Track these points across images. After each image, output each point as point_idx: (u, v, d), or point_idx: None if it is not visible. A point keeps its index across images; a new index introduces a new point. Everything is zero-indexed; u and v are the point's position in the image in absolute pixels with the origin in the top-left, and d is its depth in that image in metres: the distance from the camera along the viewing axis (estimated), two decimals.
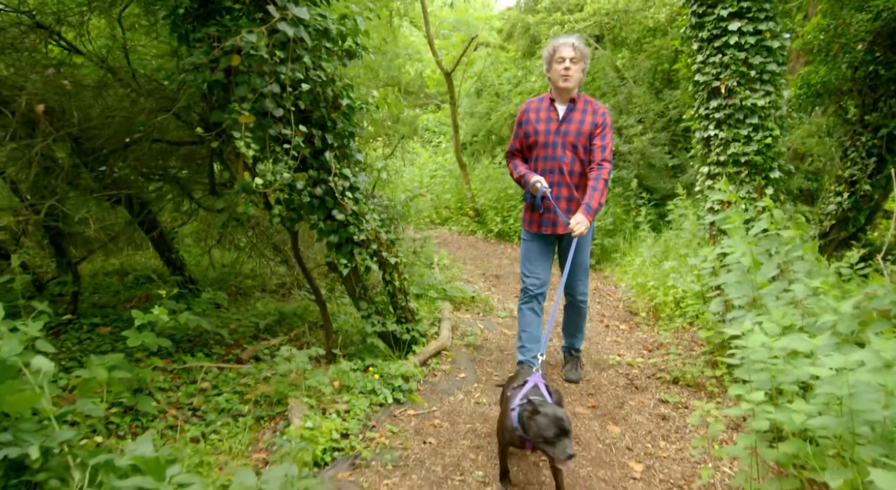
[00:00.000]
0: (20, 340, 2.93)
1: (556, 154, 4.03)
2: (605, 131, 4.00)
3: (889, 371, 2.67)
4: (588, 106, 4.06)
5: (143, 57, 4.93)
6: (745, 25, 5.26)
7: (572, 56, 3.92)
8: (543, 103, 4.12)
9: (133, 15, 4.83)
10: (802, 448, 2.79)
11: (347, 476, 3.26)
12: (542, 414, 2.69)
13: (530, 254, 4.32)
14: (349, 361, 4.27)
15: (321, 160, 4.09)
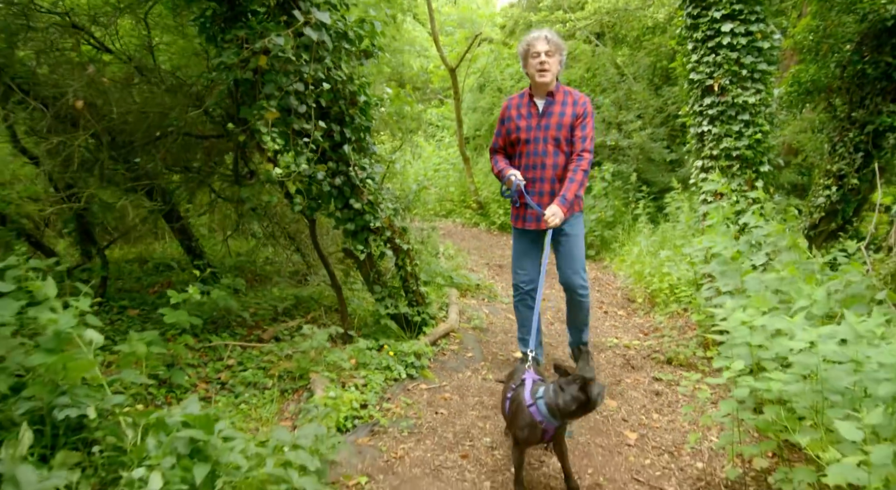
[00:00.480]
0: (73, 315, 3.22)
1: (539, 149, 3.97)
2: (585, 121, 3.93)
3: (858, 344, 2.97)
4: (568, 97, 3.98)
5: (169, 55, 5.21)
6: (738, 27, 5.55)
7: (546, 49, 3.85)
8: (524, 99, 4.07)
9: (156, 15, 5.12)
10: (779, 413, 3.10)
11: (367, 441, 3.57)
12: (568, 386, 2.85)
13: (518, 250, 4.32)
14: (365, 340, 4.57)
15: (340, 153, 4.38)
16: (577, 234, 4.17)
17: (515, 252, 4.36)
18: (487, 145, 16.60)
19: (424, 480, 3.22)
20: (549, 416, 2.85)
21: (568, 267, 4.19)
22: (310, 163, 4.07)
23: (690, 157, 6.49)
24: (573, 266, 4.19)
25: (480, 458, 3.45)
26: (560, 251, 4.18)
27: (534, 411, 2.88)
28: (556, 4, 12.92)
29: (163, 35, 5.13)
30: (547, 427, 2.88)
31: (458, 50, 13.18)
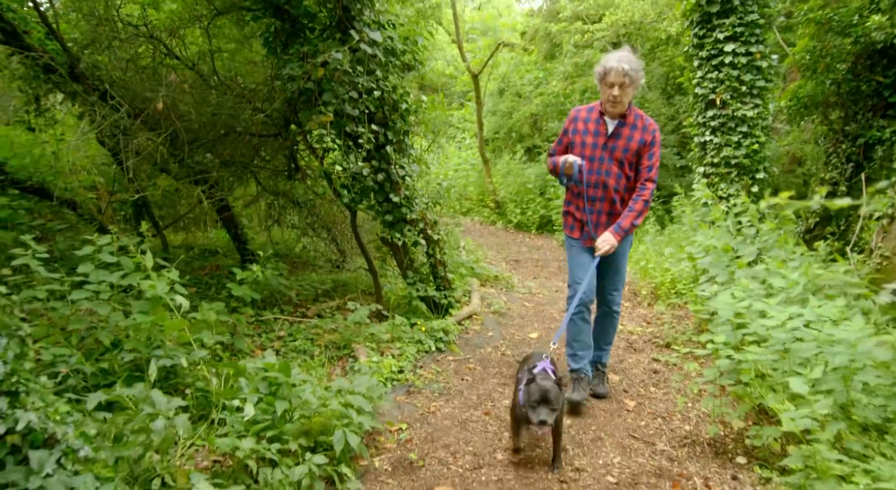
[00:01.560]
0: (166, 283, 3.83)
1: (602, 169, 3.86)
2: (653, 150, 3.83)
3: (822, 324, 3.54)
4: (639, 121, 3.84)
5: (232, 63, 5.82)
6: (739, 47, 6.10)
7: (622, 82, 3.64)
8: (593, 114, 3.91)
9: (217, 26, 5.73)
10: (753, 382, 3.66)
11: (404, 399, 4.16)
12: (535, 383, 3.09)
13: (575, 263, 4.15)
14: (400, 318, 5.16)
15: (382, 153, 4.98)
16: (625, 252, 4.14)
17: (572, 264, 4.19)
18: (506, 147, 17.23)
19: (453, 430, 3.80)
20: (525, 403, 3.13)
21: (610, 284, 4.20)
22: (361, 160, 4.67)
23: (694, 164, 7.03)
24: (616, 284, 4.22)
25: (500, 416, 4.04)
26: (604, 270, 4.12)
27: (521, 395, 3.20)
28: (576, 16, 13.47)
29: (227, 44, 5.73)
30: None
31: (480, 56, 13.74)
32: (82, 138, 4.19)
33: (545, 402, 3.03)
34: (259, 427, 3.00)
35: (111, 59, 5.22)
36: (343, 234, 7.33)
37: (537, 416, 3.01)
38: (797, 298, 4.18)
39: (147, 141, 4.64)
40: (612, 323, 4.36)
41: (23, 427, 2.25)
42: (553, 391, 3.05)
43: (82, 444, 2.40)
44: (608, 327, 4.38)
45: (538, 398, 3.04)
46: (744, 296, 4.04)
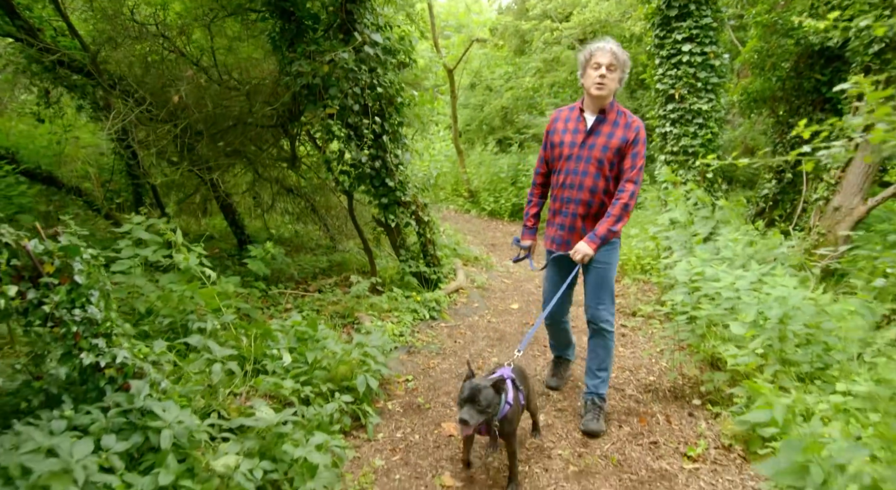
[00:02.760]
0: (196, 256, 4.29)
1: (579, 169, 3.54)
2: (636, 149, 3.47)
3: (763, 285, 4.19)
4: (621, 118, 3.52)
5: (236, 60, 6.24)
6: (695, 47, 6.74)
7: (609, 63, 3.39)
8: (573, 113, 3.64)
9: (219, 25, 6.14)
10: (710, 332, 4.30)
11: (406, 357, 4.70)
12: (468, 381, 2.82)
13: (549, 279, 3.92)
14: (397, 290, 5.69)
15: (379, 142, 5.48)
16: (610, 262, 3.69)
17: (546, 280, 3.96)
18: (478, 139, 17.80)
19: (452, 381, 4.36)
20: None
21: (595, 297, 3.72)
22: (364, 148, 5.17)
23: (656, 153, 7.69)
24: (600, 297, 3.71)
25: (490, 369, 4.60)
26: (588, 280, 3.74)
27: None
28: (545, 14, 14.08)
29: (230, 42, 6.15)
30: None
31: (454, 52, 14.25)
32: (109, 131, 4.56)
33: (471, 401, 2.72)
34: (294, 372, 3.51)
35: (127, 55, 5.61)
36: (334, 218, 7.81)
37: (459, 414, 2.70)
38: (743, 265, 4.83)
39: (165, 132, 5.05)
40: (603, 345, 3.77)
41: (119, 362, 2.75)
42: (485, 392, 2.74)
43: (162, 377, 2.89)
44: (599, 350, 3.80)
45: (465, 396, 2.74)
46: (698, 264, 4.68)
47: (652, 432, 3.75)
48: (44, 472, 2.10)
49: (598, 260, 3.65)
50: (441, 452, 3.42)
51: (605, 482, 3.20)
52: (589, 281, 3.74)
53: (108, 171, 8.33)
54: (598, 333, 3.79)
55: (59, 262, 2.72)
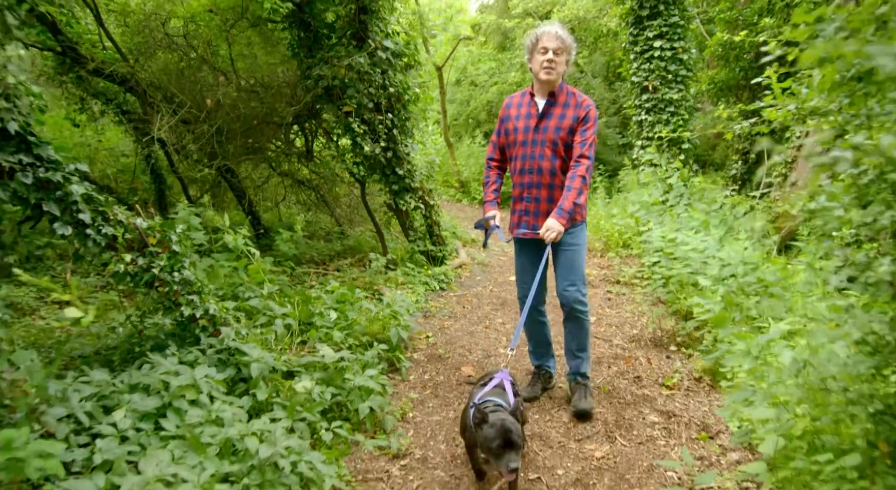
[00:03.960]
0: (241, 238, 4.92)
1: (535, 152, 3.53)
2: (587, 125, 3.46)
3: (723, 248, 4.91)
4: (571, 99, 3.50)
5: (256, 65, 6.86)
6: (665, 43, 7.46)
7: (556, 47, 3.34)
8: (525, 98, 3.63)
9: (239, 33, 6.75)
10: (681, 290, 5.02)
11: (423, 320, 5.38)
12: (490, 424, 2.46)
13: (520, 265, 3.86)
14: (410, 266, 6.36)
15: (390, 135, 6.13)
16: (578, 243, 3.68)
17: (518, 266, 3.89)
18: (466, 132, 18.47)
19: (465, 337, 5.05)
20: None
21: (565, 279, 3.67)
22: (379, 141, 5.83)
23: (633, 139, 8.42)
24: (570, 278, 3.66)
25: (497, 328, 5.30)
26: (558, 262, 3.71)
27: (470, 416, 2.65)
28: (526, 12, 14.76)
29: (248, 48, 6.76)
30: None
31: (442, 50, 14.89)
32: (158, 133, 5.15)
33: (509, 444, 2.42)
34: (339, 326, 4.18)
35: (160, 65, 6.22)
36: (343, 207, 8.46)
37: (506, 465, 2.39)
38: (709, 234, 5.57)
39: (201, 133, 5.68)
40: (579, 325, 3.78)
41: (210, 313, 3.41)
42: (514, 428, 2.46)
43: (241, 327, 3.56)
44: (576, 331, 3.81)
45: (501, 442, 2.41)
46: (670, 231, 5.40)
47: (636, 370, 4.46)
48: (178, 385, 2.76)
49: (567, 242, 3.62)
50: (462, 388, 4.11)
51: (599, 405, 3.90)
52: (560, 263, 3.70)
53: (129, 172, 8.90)
54: (573, 315, 3.75)
55: (160, 235, 3.38)
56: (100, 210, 3.20)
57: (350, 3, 5.53)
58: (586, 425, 3.64)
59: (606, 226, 8.60)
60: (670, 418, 3.72)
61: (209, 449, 2.46)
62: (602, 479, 3.08)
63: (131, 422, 2.58)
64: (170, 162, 6.70)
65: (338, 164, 7.25)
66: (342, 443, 3.11)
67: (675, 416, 3.74)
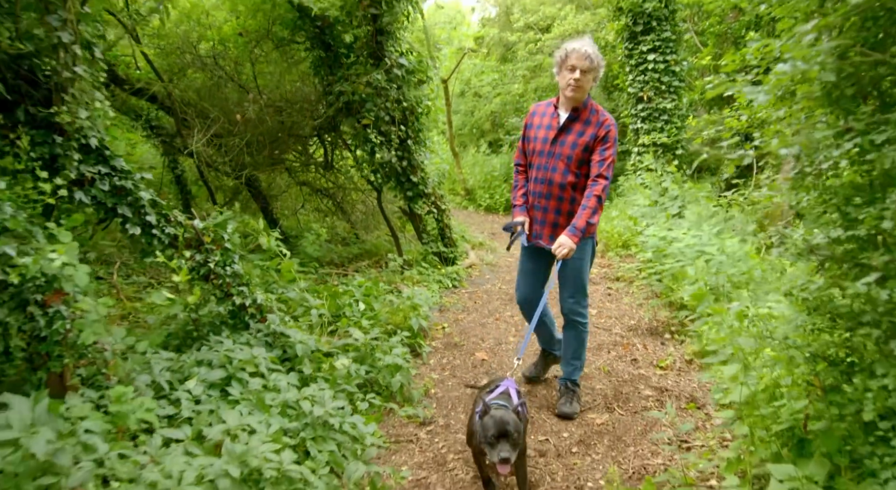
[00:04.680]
0: (274, 238, 5.38)
1: (549, 164, 3.59)
2: (606, 145, 3.48)
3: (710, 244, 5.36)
4: (593, 116, 3.53)
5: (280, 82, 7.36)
6: (658, 57, 7.95)
7: (585, 67, 3.37)
8: (549, 108, 3.68)
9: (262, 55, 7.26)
10: (674, 284, 5.47)
11: (439, 314, 5.83)
12: (490, 415, 2.59)
13: (522, 268, 3.96)
14: (424, 264, 6.82)
15: (405, 145, 6.61)
16: (583, 258, 3.73)
17: (520, 268, 3.99)
18: (471, 142, 18.96)
19: (478, 328, 5.50)
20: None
21: (569, 294, 3.79)
22: (391, 151, 6.31)
23: (630, 146, 8.89)
24: (572, 291, 3.78)
25: (507, 320, 5.75)
26: (562, 274, 3.74)
27: (477, 421, 2.72)
28: (528, 26, 15.29)
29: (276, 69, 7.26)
30: None
31: (447, 64, 15.40)
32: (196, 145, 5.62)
33: (503, 435, 2.53)
34: (366, 316, 4.64)
35: (191, 83, 6.73)
36: (359, 214, 8.92)
37: (497, 454, 2.50)
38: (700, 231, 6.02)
39: (233, 145, 6.17)
40: (576, 335, 3.89)
41: (258, 302, 3.87)
42: (512, 422, 2.57)
43: (284, 314, 4.02)
44: (573, 339, 3.91)
45: (496, 432, 2.54)
46: (663, 230, 5.85)
47: (633, 354, 4.90)
48: (239, 360, 3.22)
49: (573, 257, 3.60)
50: (477, 370, 4.56)
51: (600, 382, 4.34)
52: (564, 276, 3.74)
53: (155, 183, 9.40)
54: (572, 325, 3.87)
55: (214, 235, 3.85)
56: (163, 213, 3.68)
57: (367, 25, 6.02)
58: (587, 398, 4.09)
59: (606, 228, 9.05)
60: (663, 393, 4.16)
61: (271, 409, 2.91)
62: (602, 441, 3.52)
63: (202, 389, 3.04)
64: (200, 173, 7.18)
65: (355, 173, 7.72)
66: (376, 411, 3.56)
67: (667, 390, 4.18)
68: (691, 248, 5.46)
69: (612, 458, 3.35)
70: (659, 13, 8.09)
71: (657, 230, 5.91)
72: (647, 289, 6.57)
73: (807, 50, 1.83)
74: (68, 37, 3.05)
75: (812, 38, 1.86)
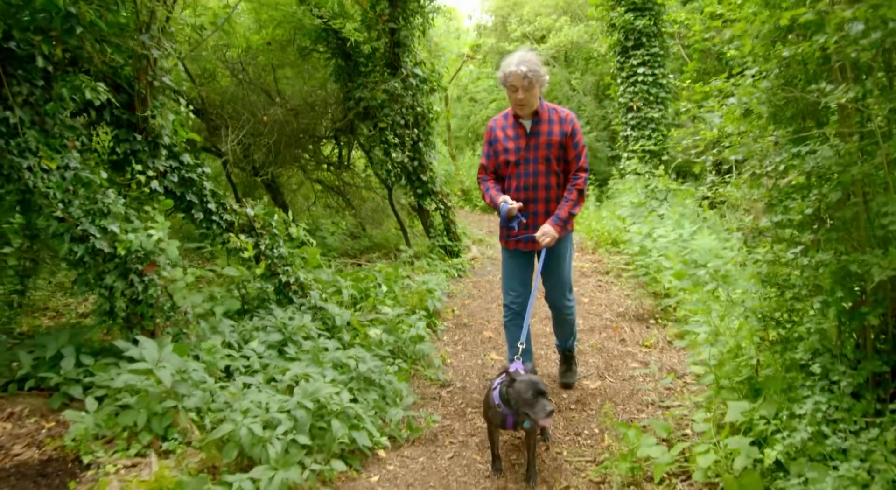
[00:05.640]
0: (302, 230, 5.92)
1: (529, 170, 3.65)
2: (576, 139, 3.62)
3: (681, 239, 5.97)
4: (554, 114, 3.64)
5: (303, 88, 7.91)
6: (647, 70, 8.59)
7: (523, 85, 3.44)
8: (509, 120, 3.72)
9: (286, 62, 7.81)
10: (659, 273, 6.08)
11: (448, 299, 6.41)
12: (519, 380, 2.79)
13: (508, 271, 4.00)
14: (431, 256, 7.40)
15: (416, 147, 7.18)
16: (566, 253, 3.90)
17: (506, 273, 4.04)
18: (467, 145, 19.56)
19: (483, 311, 6.08)
20: (503, 402, 2.88)
21: (555, 288, 3.96)
22: (403, 153, 6.89)
23: (620, 152, 9.53)
24: (560, 288, 3.96)
25: None
26: (548, 272, 3.88)
27: (494, 395, 2.95)
28: (524, 35, 15.94)
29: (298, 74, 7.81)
30: (504, 412, 2.89)
31: (447, 71, 16.01)
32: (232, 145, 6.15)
33: (540, 393, 2.74)
34: (390, 296, 5.21)
35: (220, 88, 7.27)
36: (367, 210, 9.48)
37: (543, 409, 2.69)
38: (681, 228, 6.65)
39: (261, 145, 6.72)
40: (566, 320, 4.12)
41: (300, 281, 4.44)
42: (541, 381, 2.81)
43: (322, 291, 4.59)
44: (563, 324, 4.16)
45: (533, 392, 2.74)
46: (647, 227, 6.47)
47: (621, 335, 5.50)
48: (294, 326, 3.79)
49: (556, 253, 3.78)
50: (486, 345, 5.15)
51: (593, 357, 4.93)
52: (550, 272, 3.88)
53: None
54: (561, 315, 4.09)
55: (263, 221, 4.41)
56: (221, 201, 4.24)
57: (385, 37, 6.59)
58: (582, 369, 4.68)
59: (597, 227, 9.68)
60: (647, 366, 4.76)
61: (325, 364, 3.49)
62: (595, 401, 4.11)
63: (263, 349, 3.60)
64: (225, 171, 7.71)
65: (365, 172, 8.28)
66: (404, 373, 4.14)
67: (650, 363, 4.78)
68: (674, 244, 6.07)
69: (604, 413, 3.94)
70: (648, 30, 8.75)
71: (642, 228, 6.52)
72: (633, 281, 7.18)
73: (749, 88, 2.43)
74: (157, 52, 3.61)
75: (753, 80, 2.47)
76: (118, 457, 2.56)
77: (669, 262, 5.61)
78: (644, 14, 8.87)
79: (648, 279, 6.32)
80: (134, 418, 2.62)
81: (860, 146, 2.11)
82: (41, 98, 3.13)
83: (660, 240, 6.22)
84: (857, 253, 2.09)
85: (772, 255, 2.66)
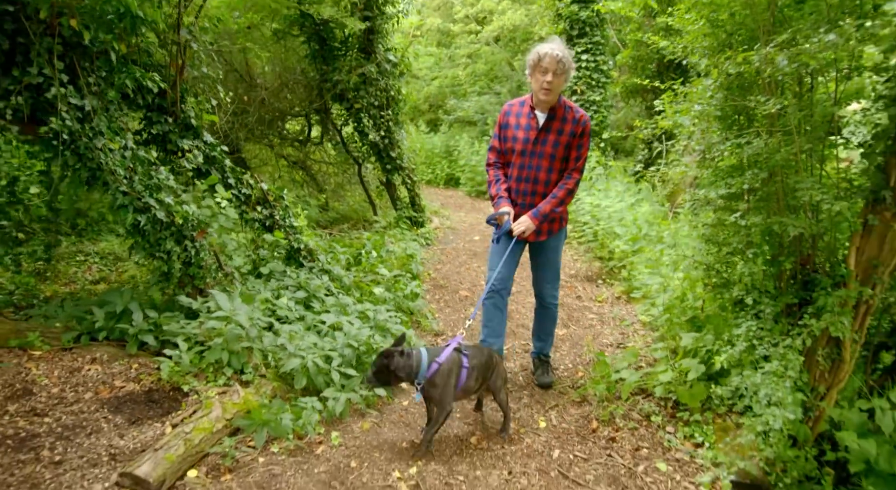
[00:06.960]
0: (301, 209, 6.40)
1: (533, 163, 3.67)
2: (582, 141, 3.64)
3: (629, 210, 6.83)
4: (569, 113, 3.62)
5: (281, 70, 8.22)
6: (589, 57, 9.38)
7: (556, 70, 3.43)
8: (524, 108, 3.72)
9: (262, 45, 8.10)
10: (606, 238, 6.93)
11: (421, 263, 7.06)
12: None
13: (495, 252, 3.94)
14: (400, 226, 8.00)
15: (387, 126, 7.71)
16: (556, 247, 3.96)
17: (492, 253, 3.99)
18: (410, 120, 19.98)
19: (455, 275, 6.76)
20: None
21: (542, 279, 4.04)
22: (375, 131, 7.41)
23: None
24: (547, 278, 4.03)
25: (475, 270, 7.03)
26: (537, 263, 4.01)
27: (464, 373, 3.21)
28: (469, 19, 16.46)
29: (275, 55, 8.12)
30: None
31: None
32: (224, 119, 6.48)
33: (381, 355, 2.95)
34: (380, 260, 5.81)
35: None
36: (331, 185, 9.92)
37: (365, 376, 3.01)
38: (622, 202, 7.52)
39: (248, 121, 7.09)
40: (548, 316, 4.16)
41: (309, 247, 4.98)
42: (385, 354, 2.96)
43: (325, 256, 5.14)
44: (545, 320, 4.19)
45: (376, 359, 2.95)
46: (596, 199, 7.30)
47: (575, 293, 6.32)
48: (315, 285, 4.35)
49: (548, 245, 3.87)
50: (464, 303, 5.85)
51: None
52: (539, 264, 3.98)
53: None
54: (544, 307, 4.13)
55: (275, 194, 4.91)
56: (239, 177, 4.70)
57: (361, 24, 7.05)
58: None
59: None
60: (602, 316, 5.59)
61: (350, 315, 4.09)
62: (564, 345, 4.89)
63: (293, 304, 4.16)
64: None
65: (331, 149, 8.73)
66: (405, 324, 4.78)
67: (604, 315, 5.61)
68: (618, 212, 6.93)
69: (574, 353, 4.73)
70: (591, 20, 9.51)
71: (594, 199, 7.35)
72: (582, 246, 8.03)
73: (704, 95, 3.20)
74: (196, 45, 4.03)
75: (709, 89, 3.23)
76: (210, 386, 3.10)
77: (624, 228, 6.43)
78: (588, 6, 9.64)
79: (596, 245, 7.17)
80: (218, 356, 3.15)
81: (781, 140, 2.88)
82: (106, 87, 3.54)
83: (607, 209, 7.05)
84: (778, 217, 2.88)
85: (715, 219, 3.45)
